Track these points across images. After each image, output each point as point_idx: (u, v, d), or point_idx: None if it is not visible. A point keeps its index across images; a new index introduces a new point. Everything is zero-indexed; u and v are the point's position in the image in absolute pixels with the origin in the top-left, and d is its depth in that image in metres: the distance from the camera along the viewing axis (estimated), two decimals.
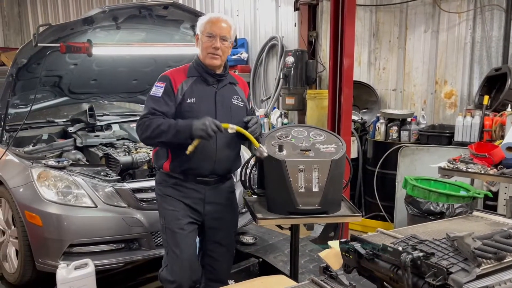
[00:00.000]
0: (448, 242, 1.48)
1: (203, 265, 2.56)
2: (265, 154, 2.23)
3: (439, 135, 4.46)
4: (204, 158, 2.37)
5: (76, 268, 2.74)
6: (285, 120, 5.85)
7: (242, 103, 2.48)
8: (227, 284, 2.65)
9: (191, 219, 2.44)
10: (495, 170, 2.92)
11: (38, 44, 2.93)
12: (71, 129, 3.96)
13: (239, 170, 2.67)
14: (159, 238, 3.05)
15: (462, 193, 3.50)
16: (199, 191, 2.42)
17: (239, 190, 3.44)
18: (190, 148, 2.23)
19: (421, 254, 1.38)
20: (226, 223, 2.53)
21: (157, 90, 2.34)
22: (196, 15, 3.32)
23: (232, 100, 2.43)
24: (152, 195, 3.07)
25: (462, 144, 4.11)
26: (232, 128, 2.26)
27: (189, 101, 2.33)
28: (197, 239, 2.56)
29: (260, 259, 3.56)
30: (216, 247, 2.52)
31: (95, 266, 2.83)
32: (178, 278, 2.37)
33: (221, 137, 2.35)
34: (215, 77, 2.39)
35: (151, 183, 3.15)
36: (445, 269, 1.32)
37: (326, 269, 1.63)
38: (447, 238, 1.50)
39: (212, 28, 2.31)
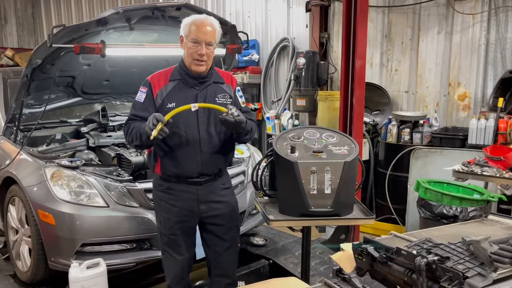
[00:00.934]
0: (463, 246, 1.46)
1: (208, 260, 2.63)
2: (236, 113, 2.23)
3: (452, 138, 4.41)
4: (190, 161, 2.38)
5: (88, 267, 2.76)
6: (296, 122, 5.83)
7: (230, 100, 2.46)
8: (234, 279, 2.71)
9: (186, 223, 2.48)
10: (510, 173, 2.88)
11: (53, 45, 2.96)
12: (84, 129, 3.99)
13: (250, 170, 2.67)
14: None
15: (476, 196, 3.45)
16: (191, 192, 2.43)
17: (250, 191, 3.45)
18: (153, 133, 2.18)
19: (436, 258, 1.36)
20: (225, 219, 2.54)
21: (140, 95, 2.40)
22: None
23: (216, 99, 2.42)
24: None
25: (476, 147, 4.07)
26: (194, 106, 2.25)
27: (169, 105, 2.35)
28: (197, 233, 2.60)
29: (271, 261, 3.55)
30: (218, 242, 2.56)
31: (107, 266, 2.84)
32: (170, 275, 2.54)
33: (205, 138, 2.37)
34: (197, 80, 2.39)
35: None
36: (461, 274, 1.30)
37: (339, 272, 1.62)
38: (463, 242, 1.47)
39: (197, 34, 2.28)
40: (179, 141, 2.36)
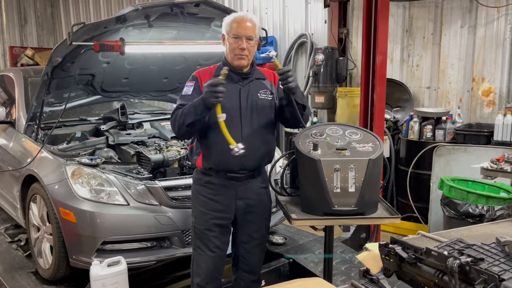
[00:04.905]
0: (498, 247, 1.40)
1: (236, 256, 2.63)
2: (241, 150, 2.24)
3: (477, 134, 4.30)
4: (231, 154, 2.35)
5: (109, 265, 2.76)
6: (315, 119, 5.76)
7: (271, 96, 2.49)
8: (259, 276, 2.71)
9: (222, 219, 2.49)
10: None
11: (73, 43, 2.96)
12: (103, 127, 4.00)
13: (269, 168, 2.64)
14: (190, 237, 3.04)
15: (503, 194, 3.35)
16: (230, 187, 2.46)
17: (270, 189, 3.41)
18: (221, 77, 2.26)
19: (469, 259, 1.31)
20: (258, 217, 2.57)
21: (188, 89, 2.45)
22: (227, 12, 3.29)
23: (259, 95, 2.46)
24: (183, 193, 3.08)
25: (502, 144, 3.96)
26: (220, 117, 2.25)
27: None
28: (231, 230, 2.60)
29: (291, 260, 3.51)
30: (248, 240, 2.58)
31: (127, 264, 2.84)
32: (202, 272, 2.51)
33: (247, 132, 2.39)
34: (240, 75, 2.44)
35: (182, 181, 3.17)
36: (497, 276, 1.24)
37: (366, 273, 1.57)
38: (497, 243, 1.41)
39: (238, 30, 2.35)
40: (222, 134, 2.35)
